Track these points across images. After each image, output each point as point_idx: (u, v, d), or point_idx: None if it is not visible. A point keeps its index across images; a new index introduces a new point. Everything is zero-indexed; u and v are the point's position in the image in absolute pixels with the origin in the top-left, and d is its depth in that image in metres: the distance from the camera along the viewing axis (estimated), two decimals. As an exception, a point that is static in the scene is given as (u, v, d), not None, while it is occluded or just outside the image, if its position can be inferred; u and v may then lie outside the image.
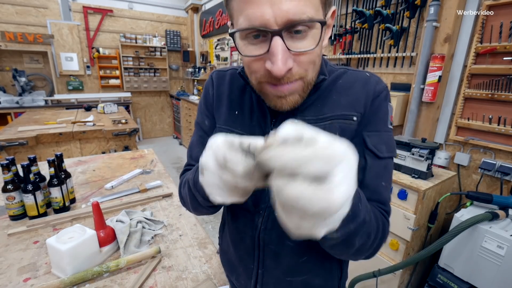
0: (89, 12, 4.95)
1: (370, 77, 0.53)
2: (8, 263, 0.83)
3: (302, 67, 0.43)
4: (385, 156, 0.52)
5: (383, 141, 0.52)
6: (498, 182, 1.58)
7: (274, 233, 0.58)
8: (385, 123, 0.53)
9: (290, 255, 0.58)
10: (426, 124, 1.83)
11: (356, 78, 0.53)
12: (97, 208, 0.87)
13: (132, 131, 2.54)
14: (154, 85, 5.82)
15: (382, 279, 1.59)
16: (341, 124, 0.51)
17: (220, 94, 0.61)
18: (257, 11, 0.37)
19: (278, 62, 0.39)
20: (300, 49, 0.40)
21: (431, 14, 1.66)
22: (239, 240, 0.63)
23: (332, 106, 0.52)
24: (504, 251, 1.19)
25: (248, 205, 0.60)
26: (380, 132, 0.52)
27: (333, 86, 0.53)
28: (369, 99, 0.51)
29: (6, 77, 4.52)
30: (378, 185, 0.52)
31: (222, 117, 0.60)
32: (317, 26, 0.40)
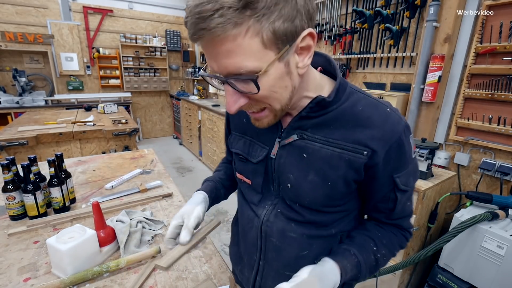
0: (89, 12, 4.96)
1: (390, 115, 0.53)
2: (8, 263, 0.83)
3: (259, 103, 0.48)
4: (413, 185, 0.59)
5: (410, 175, 0.57)
6: (498, 182, 1.58)
7: (275, 226, 0.62)
8: (410, 159, 0.56)
9: (291, 247, 0.61)
10: (426, 124, 1.83)
11: (375, 111, 0.53)
12: (97, 208, 0.87)
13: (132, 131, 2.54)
14: (154, 85, 5.82)
15: (382, 279, 1.59)
16: (350, 157, 0.53)
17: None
18: (210, 64, 0.44)
19: (228, 103, 0.47)
20: (248, 92, 0.44)
21: (431, 14, 1.66)
22: (247, 230, 0.69)
23: (346, 134, 0.53)
24: (504, 251, 1.19)
25: (255, 201, 0.66)
26: (408, 169, 0.56)
27: (351, 112, 0.53)
28: (387, 141, 0.52)
29: (6, 77, 4.52)
30: (404, 206, 0.60)
31: (235, 124, 0.69)
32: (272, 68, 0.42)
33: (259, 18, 0.37)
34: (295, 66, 0.45)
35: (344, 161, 0.53)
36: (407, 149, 0.54)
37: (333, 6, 2.41)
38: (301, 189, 0.57)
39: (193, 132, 4.87)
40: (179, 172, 4.26)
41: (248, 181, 0.67)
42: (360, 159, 0.52)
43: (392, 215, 0.60)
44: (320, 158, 0.54)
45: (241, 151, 0.65)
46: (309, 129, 0.55)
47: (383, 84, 2.14)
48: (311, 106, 0.53)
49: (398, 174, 0.55)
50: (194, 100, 4.97)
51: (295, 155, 0.57)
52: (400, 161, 0.54)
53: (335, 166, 0.54)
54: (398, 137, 0.52)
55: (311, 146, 0.55)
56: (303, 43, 0.43)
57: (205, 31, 0.38)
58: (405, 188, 0.56)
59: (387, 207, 0.59)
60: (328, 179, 0.55)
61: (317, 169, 0.55)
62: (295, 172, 0.57)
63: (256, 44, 0.39)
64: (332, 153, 0.53)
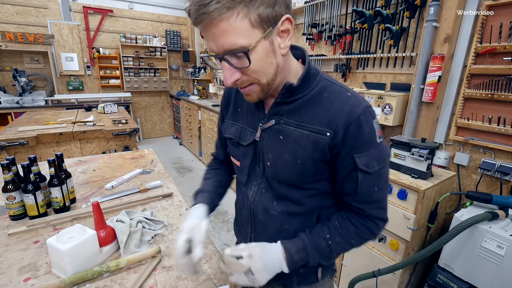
0: (89, 12, 4.96)
1: (349, 98, 0.60)
2: (9, 263, 0.83)
3: (250, 77, 0.56)
4: (376, 169, 0.61)
5: (374, 157, 0.60)
6: (497, 182, 1.58)
7: (260, 205, 0.73)
8: (373, 141, 0.60)
9: (274, 223, 0.72)
10: (426, 124, 1.83)
11: (338, 95, 0.61)
12: (97, 208, 0.87)
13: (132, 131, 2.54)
14: (154, 85, 5.82)
15: (382, 279, 1.59)
16: (315, 138, 0.61)
17: (229, 99, 0.79)
18: (209, 45, 0.53)
19: (225, 77, 0.55)
20: (241, 66, 0.53)
21: (431, 14, 1.66)
22: (241, 208, 0.80)
23: (313, 118, 0.61)
24: (504, 251, 1.19)
25: (243, 181, 0.77)
26: (369, 151, 0.60)
27: (318, 98, 0.62)
28: (344, 121, 0.58)
29: (6, 77, 4.52)
30: (370, 191, 0.63)
31: (229, 114, 0.78)
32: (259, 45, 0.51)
33: (247, 3, 0.47)
34: (278, 46, 0.54)
35: (311, 142, 0.61)
36: (367, 131, 0.59)
37: (333, 6, 2.41)
38: (278, 166, 0.66)
39: (193, 132, 4.87)
40: (179, 172, 4.26)
41: (238, 163, 0.76)
42: (324, 139, 0.60)
43: (356, 197, 0.64)
44: (293, 140, 0.63)
45: (233, 136, 0.74)
46: (285, 114, 0.64)
47: (383, 84, 2.14)
48: (283, 92, 0.62)
49: (358, 154, 0.59)
50: (194, 100, 4.97)
51: (273, 138, 0.66)
52: (359, 141, 0.59)
53: (304, 147, 0.62)
54: (356, 118, 0.58)
55: (286, 129, 0.64)
56: (283, 26, 0.53)
57: (205, 15, 0.47)
58: (366, 169, 0.60)
59: (351, 187, 0.63)
60: (298, 158, 0.63)
61: (290, 150, 0.64)
62: (273, 152, 0.66)
63: (246, 24, 0.48)
64: (302, 135, 0.62)
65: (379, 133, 0.61)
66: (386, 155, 0.63)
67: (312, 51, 2.77)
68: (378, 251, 1.68)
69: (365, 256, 1.73)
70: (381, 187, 0.64)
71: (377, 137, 0.60)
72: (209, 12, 0.46)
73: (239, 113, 0.75)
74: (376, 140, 0.60)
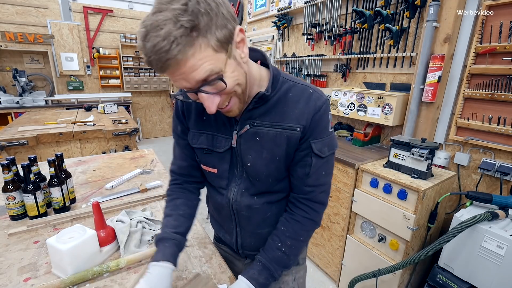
0: (89, 12, 4.96)
1: (312, 94, 0.68)
2: (9, 263, 0.83)
3: (228, 95, 0.58)
4: (327, 154, 0.70)
5: (326, 144, 0.69)
6: (497, 182, 1.58)
7: (242, 204, 0.76)
8: (327, 130, 0.69)
9: (258, 214, 0.78)
10: (426, 124, 1.83)
11: (302, 93, 0.68)
12: (97, 208, 0.87)
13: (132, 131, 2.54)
14: (154, 85, 5.82)
15: (382, 279, 1.59)
16: (288, 134, 0.67)
17: (189, 106, 0.76)
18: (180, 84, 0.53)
19: (207, 106, 0.56)
20: (218, 90, 0.55)
21: (431, 14, 1.66)
22: (220, 209, 0.83)
23: (283, 116, 0.67)
24: (504, 251, 1.19)
25: (222, 185, 0.78)
26: (323, 138, 0.68)
27: (285, 98, 0.68)
28: (310, 114, 0.66)
29: (6, 77, 4.52)
30: (319, 175, 0.71)
31: (193, 123, 0.76)
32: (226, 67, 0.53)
33: (204, 34, 0.48)
34: (240, 57, 0.57)
35: (284, 138, 0.67)
36: (325, 120, 0.68)
37: (333, 6, 2.41)
38: (258, 165, 0.71)
39: (193, 132, 4.87)
40: (179, 172, 4.25)
41: (214, 170, 0.77)
42: (295, 134, 0.67)
43: (307, 180, 0.70)
44: (269, 139, 0.68)
45: (205, 145, 0.75)
46: (257, 118, 0.68)
47: (383, 84, 2.15)
48: (255, 100, 0.66)
49: (314, 140, 0.68)
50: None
51: (250, 140, 0.70)
52: (317, 129, 0.67)
53: (279, 144, 0.68)
54: (318, 110, 0.66)
55: (261, 130, 0.68)
56: (238, 38, 0.55)
57: (170, 60, 0.47)
58: (319, 153, 0.68)
59: (303, 171, 0.70)
60: (276, 155, 0.69)
61: (267, 148, 0.69)
62: (253, 153, 0.70)
63: (210, 52, 0.50)
64: (276, 133, 0.67)
65: (332, 124, 0.71)
66: (335, 143, 0.72)
67: (312, 51, 2.77)
68: (378, 251, 1.68)
69: (365, 256, 1.73)
70: (328, 172, 0.72)
71: (330, 127, 0.69)
72: (174, 56, 0.46)
73: (205, 121, 0.74)
74: (329, 129, 0.69)
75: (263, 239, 0.79)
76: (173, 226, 0.74)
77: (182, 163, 0.83)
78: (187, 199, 0.82)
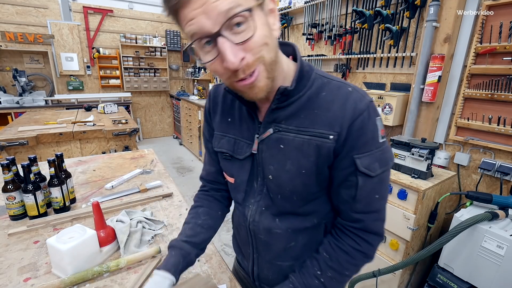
0: (89, 12, 4.96)
1: (351, 94, 0.54)
2: (8, 263, 0.83)
3: (255, 53, 0.46)
4: (378, 173, 0.54)
5: (376, 159, 0.53)
6: (497, 182, 1.58)
7: (261, 225, 0.66)
8: (375, 141, 0.53)
9: (278, 242, 0.66)
10: (426, 124, 1.83)
11: (337, 92, 0.55)
12: (97, 208, 0.87)
13: (132, 131, 2.54)
14: (154, 85, 5.82)
15: (382, 279, 1.59)
16: (317, 142, 0.54)
17: (215, 105, 0.70)
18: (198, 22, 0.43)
19: (228, 57, 0.44)
20: (243, 39, 0.44)
21: (431, 14, 1.66)
22: (239, 228, 0.74)
23: (313, 121, 0.55)
24: (504, 251, 1.19)
25: (239, 200, 0.69)
26: (372, 151, 0.53)
27: (316, 98, 0.55)
28: (348, 120, 0.52)
29: (6, 77, 4.52)
30: (371, 199, 0.56)
31: (217, 125, 0.69)
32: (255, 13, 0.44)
33: None
34: (271, 24, 0.49)
35: (313, 147, 0.54)
36: (370, 129, 0.52)
37: (333, 6, 2.41)
38: (281, 179, 0.59)
39: (193, 132, 4.87)
40: (179, 172, 4.26)
41: (232, 179, 0.69)
42: (327, 143, 0.53)
43: (355, 205, 0.56)
44: (294, 148, 0.56)
45: (226, 149, 0.67)
46: (283, 121, 0.57)
47: (383, 84, 2.15)
48: (277, 97, 0.55)
49: (358, 155, 0.53)
50: (194, 100, 4.97)
51: (273, 148, 0.59)
52: (361, 140, 0.52)
53: (307, 154, 0.55)
54: (359, 114, 0.52)
55: (286, 137, 0.57)
56: (270, 5, 0.48)
57: None
58: (368, 172, 0.53)
59: (349, 194, 0.56)
60: (302, 167, 0.56)
61: (292, 159, 0.57)
62: (275, 164, 0.59)
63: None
64: (303, 141, 0.55)
65: (382, 132, 0.54)
66: (389, 157, 0.56)
67: (312, 51, 2.77)
68: (378, 251, 1.68)
69: (365, 256, 1.73)
70: (382, 194, 0.57)
71: (380, 137, 0.54)
72: None
73: (229, 123, 0.66)
74: (379, 139, 0.53)
75: (283, 273, 0.68)
76: (187, 235, 0.70)
77: (210, 168, 0.77)
78: (210, 208, 0.76)
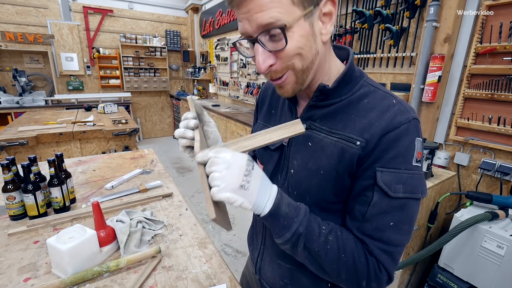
0: (89, 12, 4.96)
1: (393, 106, 0.51)
2: (8, 263, 0.83)
3: (285, 62, 0.49)
4: (400, 196, 0.48)
5: (400, 180, 0.48)
6: (497, 182, 1.58)
7: None
8: (407, 161, 0.48)
9: None
10: (426, 124, 1.83)
11: (380, 102, 0.52)
12: (97, 208, 0.87)
13: (132, 131, 2.54)
14: (154, 85, 5.82)
15: (382, 279, 1.59)
16: (343, 145, 0.52)
17: (264, 98, 0.76)
18: (242, 26, 0.48)
19: (258, 62, 0.49)
20: (275, 48, 0.48)
21: (431, 14, 1.66)
22: (256, 217, 0.74)
23: (346, 125, 0.53)
24: (504, 251, 1.19)
25: None
26: (399, 170, 0.48)
27: (357, 104, 0.54)
28: (381, 129, 0.49)
29: (6, 77, 4.52)
30: (383, 223, 0.50)
31: (262, 115, 0.75)
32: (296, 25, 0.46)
33: None
34: (319, 32, 0.49)
35: (338, 149, 0.53)
36: (404, 145, 0.48)
37: (333, 6, 2.41)
38: (300, 175, 0.59)
39: (193, 132, 4.86)
40: (179, 172, 4.26)
41: (261, 166, 0.71)
42: (352, 148, 0.51)
43: (363, 226, 0.51)
44: (320, 147, 0.56)
45: None
46: (317, 120, 0.58)
47: (383, 84, 2.15)
48: (316, 94, 0.56)
49: (382, 168, 0.49)
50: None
51: (301, 144, 0.59)
52: (389, 153, 0.48)
53: (330, 155, 0.54)
54: (396, 127, 0.49)
55: (316, 135, 0.57)
56: (326, 8, 0.49)
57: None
58: (386, 189, 0.48)
59: (361, 211, 0.51)
60: (321, 168, 0.55)
61: (315, 158, 0.56)
62: (299, 159, 0.59)
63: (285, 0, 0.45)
64: (330, 142, 0.54)
65: (419, 155, 0.49)
66: (419, 185, 0.49)
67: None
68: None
69: (365, 256, 1.73)
70: (399, 225, 0.49)
71: (415, 159, 0.49)
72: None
73: (272, 115, 0.70)
74: (412, 161, 0.48)
75: (281, 274, 0.68)
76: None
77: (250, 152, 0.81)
78: None
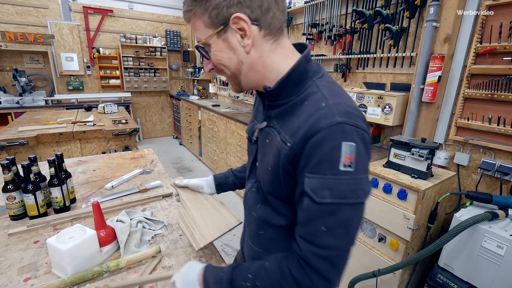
0: (89, 12, 4.96)
1: (320, 110, 0.50)
2: (9, 263, 0.83)
3: (217, 68, 0.61)
4: (327, 202, 0.47)
5: (327, 187, 0.47)
6: (497, 182, 1.58)
7: (248, 203, 0.75)
8: (332, 166, 0.47)
9: (253, 224, 0.73)
10: (426, 124, 1.83)
11: (313, 105, 0.52)
12: (97, 208, 0.87)
13: (132, 131, 2.54)
14: (154, 85, 5.82)
15: (381, 279, 1.59)
16: (279, 146, 0.57)
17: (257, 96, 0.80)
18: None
19: (203, 65, 0.64)
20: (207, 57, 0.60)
21: (431, 14, 1.66)
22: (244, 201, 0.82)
23: (288, 126, 0.56)
24: (504, 251, 1.19)
25: (246, 175, 0.79)
26: (324, 176, 0.48)
27: (300, 105, 0.55)
28: (304, 134, 0.49)
29: (6, 77, 4.52)
30: (316, 228, 0.49)
31: (254, 112, 0.80)
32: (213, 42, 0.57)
33: (200, 6, 0.54)
34: (238, 45, 0.56)
35: (277, 149, 0.57)
36: (327, 150, 0.47)
37: (333, 6, 2.41)
38: (260, 169, 0.67)
39: (193, 132, 4.87)
40: (179, 172, 4.26)
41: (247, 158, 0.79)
42: (284, 149, 0.54)
43: (298, 229, 0.53)
44: (271, 145, 0.61)
45: (248, 132, 0.77)
46: (274, 118, 0.62)
47: (383, 84, 2.15)
48: (266, 95, 0.61)
49: (309, 174, 0.49)
50: (194, 100, 4.97)
51: (263, 139, 0.66)
52: (313, 160, 0.48)
53: (274, 153, 0.58)
54: (316, 132, 0.48)
55: (271, 133, 0.62)
56: (237, 25, 0.54)
57: (184, 14, 0.58)
58: (313, 196, 0.48)
59: (299, 214, 0.54)
60: (269, 164, 0.60)
61: (268, 154, 0.62)
62: (260, 154, 0.68)
63: (201, 24, 0.56)
64: (276, 140, 0.58)
65: (347, 160, 0.47)
66: (348, 190, 0.47)
67: (312, 51, 2.77)
68: (378, 251, 1.68)
69: (365, 256, 1.73)
70: (333, 230, 0.48)
71: (341, 164, 0.47)
72: (184, 12, 0.58)
73: (258, 111, 0.76)
74: (339, 166, 0.47)
75: (251, 254, 0.74)
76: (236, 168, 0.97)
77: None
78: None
